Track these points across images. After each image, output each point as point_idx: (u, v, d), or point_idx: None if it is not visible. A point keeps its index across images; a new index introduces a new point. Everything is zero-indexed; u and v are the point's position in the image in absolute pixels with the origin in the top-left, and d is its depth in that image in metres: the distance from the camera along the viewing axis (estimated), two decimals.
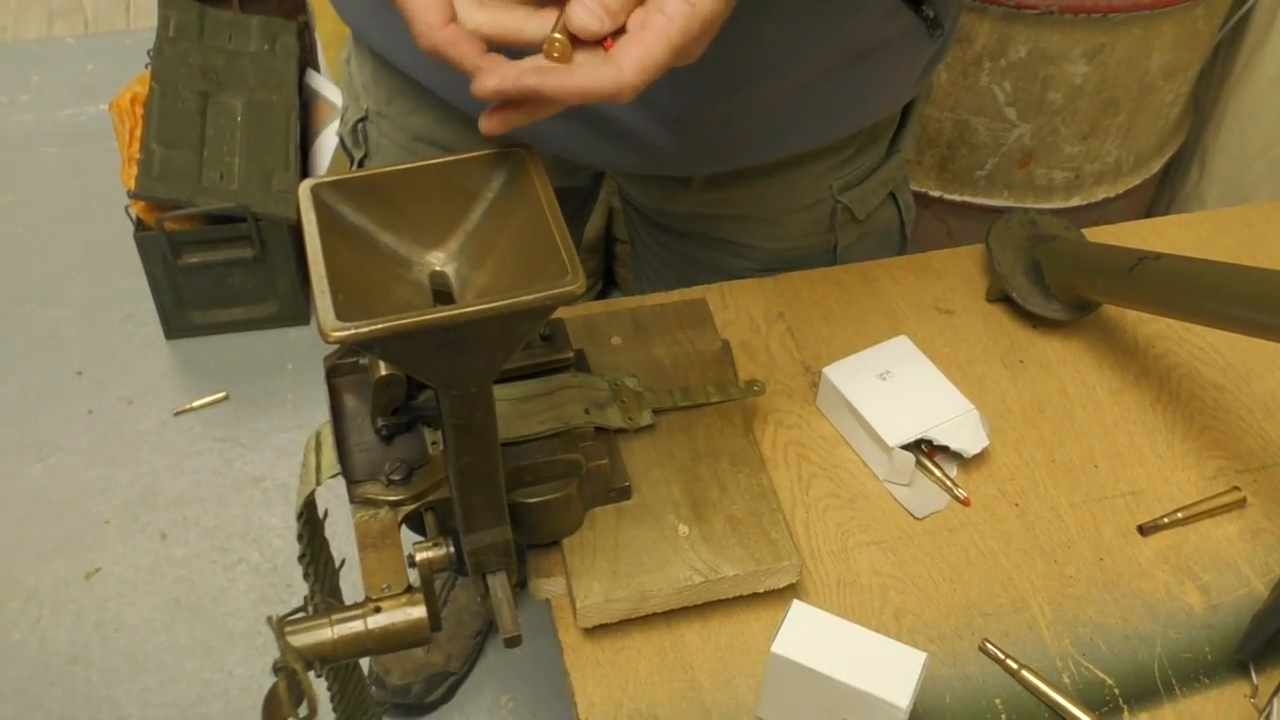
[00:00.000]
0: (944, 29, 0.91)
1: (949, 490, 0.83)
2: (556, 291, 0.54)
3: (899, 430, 0.82)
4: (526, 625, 0.74)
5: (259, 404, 1.98)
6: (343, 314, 0.53)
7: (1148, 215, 1.97)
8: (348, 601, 0.84)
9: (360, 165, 1.06)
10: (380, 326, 0.52)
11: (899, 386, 0.85)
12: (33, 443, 1.92)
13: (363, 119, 1.04)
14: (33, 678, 1.64)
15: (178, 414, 1.97)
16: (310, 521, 0.77)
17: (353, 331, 0.52)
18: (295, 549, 1.16)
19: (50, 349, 2.05)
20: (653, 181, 1.00)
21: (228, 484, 1.87)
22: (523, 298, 0.54)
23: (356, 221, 0.61)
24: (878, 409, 0.83)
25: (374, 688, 1.59)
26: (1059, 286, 0.90)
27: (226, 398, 1.99)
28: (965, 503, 0.82)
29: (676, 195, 1.00)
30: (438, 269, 0.61)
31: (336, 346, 0.56)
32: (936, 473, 0.83)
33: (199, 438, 1.94)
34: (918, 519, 0.82)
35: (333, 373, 0.77)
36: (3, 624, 1.70)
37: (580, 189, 1.10)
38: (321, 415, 0.77)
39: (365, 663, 1.55)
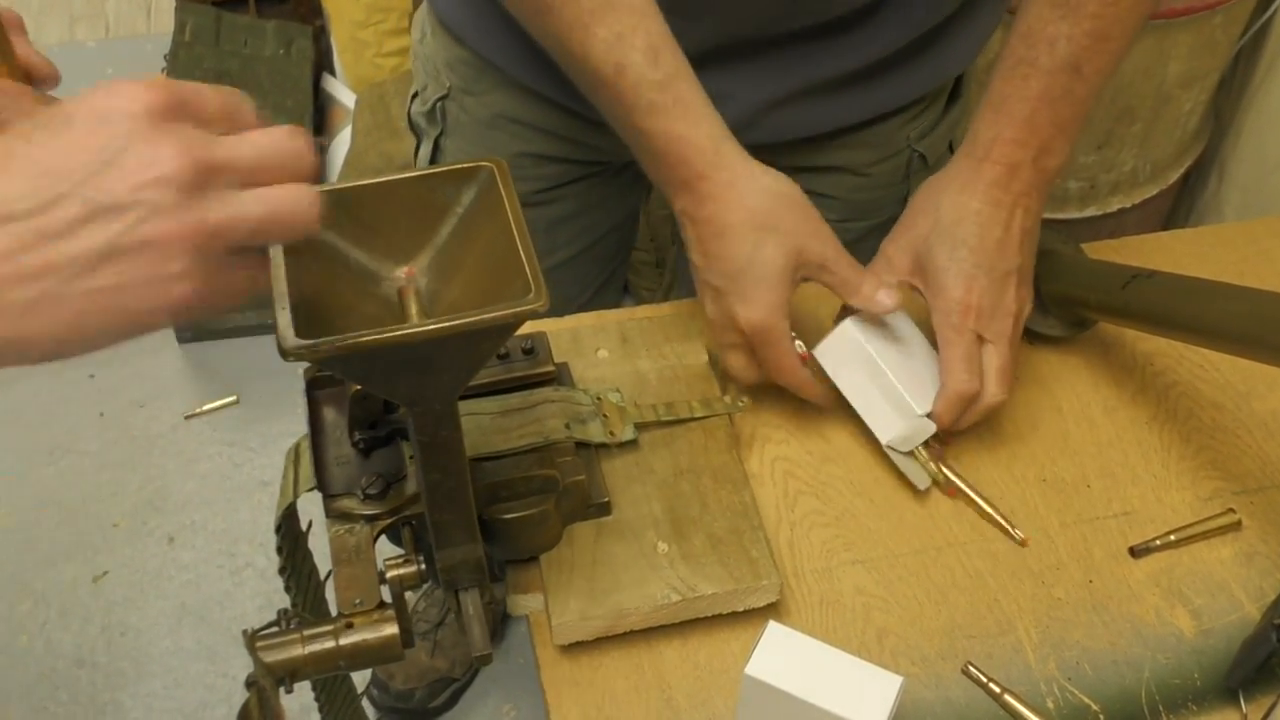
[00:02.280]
0: None
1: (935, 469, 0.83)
2: (519, 310, 0.54)
3: (924, 397, 0.80)
4: (528, 634, 0.74)
5: (269, 409, 1.99)
6: (306, 331, 0.53)
7: (1165, 226, 1.95)
8: (334, 613, 0.84)
9: (436, 144, 1.07)
10: (339, 344, 0.52)
11: (915, 353, 0.83)
12: (45, 445, 1.93)
13: (444, 97, 1.04)
14: (39, 680, 1.65)
15: (188, 418, 1.97)
16: (290, 534, 0.77)
17: (310, 348, 0.51)
18: None
19: None
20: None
21: (236, 488, 1.88)
22: (483, 316, 0.53)
23: (325, 236, 0.60)
24: (902, 371, 0.81)
25: (376, 691, 1.59)
26: (1055, 302, 0.89)
27: (237, 402, 1.99)
28: (950, 493, 0.83)
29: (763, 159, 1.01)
30: (405, 285, 0.61)
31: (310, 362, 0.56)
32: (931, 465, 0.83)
33: (209, 441, 1.95)
34: (920, 490, 0.82)
35: (312, 385, 0.76)
36: (10, 626, 1.71)
37: (617, 163, 1.09)
38: None
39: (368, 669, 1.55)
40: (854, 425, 0.86)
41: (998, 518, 0.81)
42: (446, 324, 0.52)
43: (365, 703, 1.34)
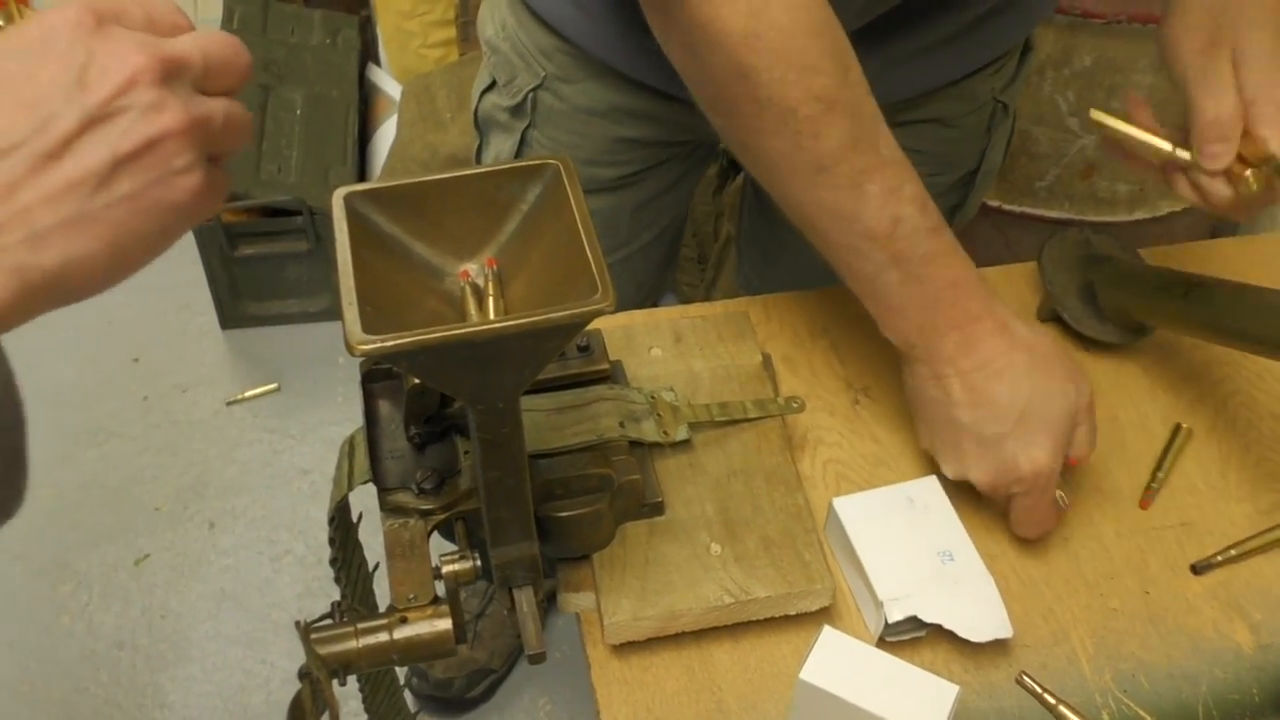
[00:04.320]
0: None
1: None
2: (586, 309, 0.53)
3: (897, 589, 0.72)
4: (566, 629, 0.74)
5: (310, 396, 2.00)
6: (370, 326, 0.53)
7: (1215, 232, 1.92)
8: (381, 605, 0.84)
9: (522, 138, 1.07)
10: (406, 341, 0.52)
11: (913, 536, 0.75)
12: (88, 428, 1.95)
13: (537, 86, 1.03)
14: (80, 661, 1.66)
15: (230, 404, 1.99)
16: (342, 526, 0.77)
17: (378, 345, 0.51)
18: None
19: (108, 335, 2.09)
20: None
21: (276, 475, 1.89)
22: (551, 314, 0.53)
23: (390, 231, 0.60)
24: (880, 557, 0.74)
25: (416, 679, 1.60)
26: (1112, 309, 0.88)
27: (278, 389, 2.01)
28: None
29: None
30: (468, 281, 0.61)
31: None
32: None
33: (250, 428, 1.96)
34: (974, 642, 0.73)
35: (368, 378, 0.76)
36: (53, 607, 1.72)
37: (705, 141, 1.10)
38: None
39: None
40: (908, 430, 0.85)
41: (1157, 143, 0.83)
42: (515, 322, 0.52)
43: (405, 692, 1.35)
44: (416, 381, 0.69)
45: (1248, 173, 0.78)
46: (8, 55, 0.43)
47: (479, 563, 0.67)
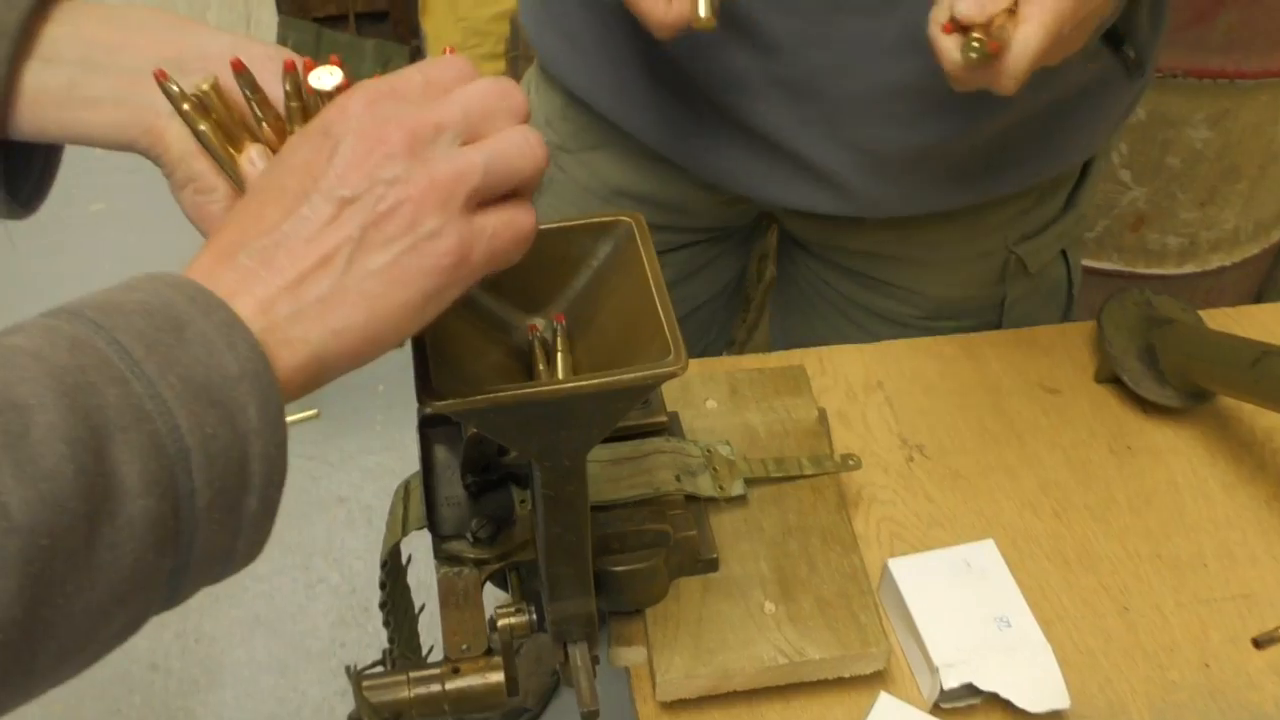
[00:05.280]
0: (1144, 70, 0.90)
1: None
2: (659, 371, 0.53)
3: (953, 655, 0.71)
4: (604, 677, 0.73)
5: (349, 424, 2.00)
6: (440, 379, 0.53)
7: (1264, 284, 1.90)
8: (424, 647, 0.84)
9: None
10: (481, 400, 0.51)
11: (969, 600, 0.74)
12: None
13: None
14: (114, 681, 1.67)
15: None
16: (394, 571, 0.77)
17: (453, 404, 0.51)
18: (375, 571, 1.16)
19: None
20: (827, 221, 0.97)
21: (313, 503, 1.89)
22: (624, 376, 0.52)
23: None
24: (935, 621, 0.73)
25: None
26: (1174, 373, 0.87)
27: (317, 416, 2.01)
28: None
29: (849, 234, 0.99)
30: (536, 336, 0.60)
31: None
32: None
33: (289, 454, 1.96)
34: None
35: (426, 423, 0.76)
36: None
37: (740, 228, 1.08)
38: (410, 439, 0.76)
39: None
40: (962, 489, 0.84)
41: None
42: (589, 382, 0.52)
43: None
44: (475, 430, 0.69)
45: (973, 36, 0.63)
46: (290, 149, 0.47)
47: (534, 616, 0.67)
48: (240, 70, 0.54)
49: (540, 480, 0.58)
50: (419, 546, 0.76)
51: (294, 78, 0.55)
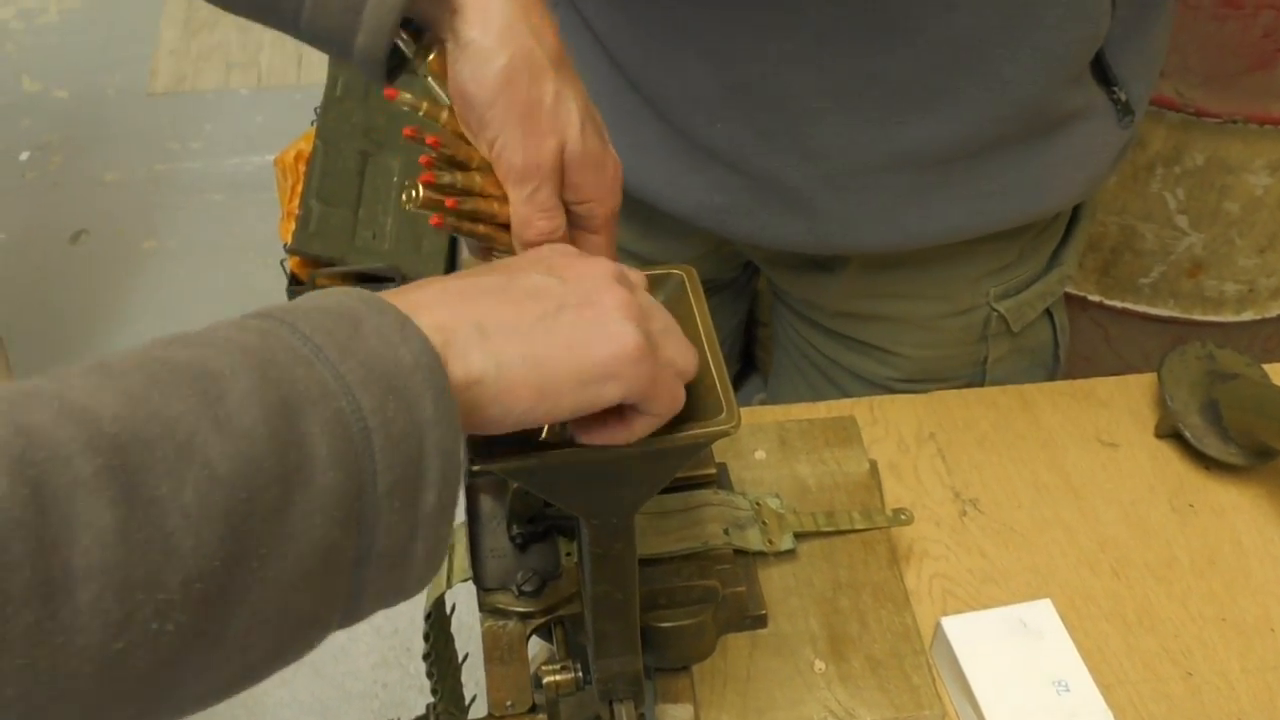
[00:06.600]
0: (1134, 118, 0.88)
1: None
2: (711, 430, 0.52)
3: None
4: None
5: None
6: (489, 435, 0.52)
7: None
8: (466, 696, 0.83)
9: None
10: (531, 460, 0.51)
11: (1026, 663, 0.73)
12: None
13: None
14: None
15: None
16: (438, 623, 0.76)
17: (500, 465, 0.50)
18: (417, 612, 1.16)
19: None
20: (805, 268, 0.97)
21: None
22: (676, 436, 0.51)
23: None
24: (991, 684, 0.71)
25: None
26: (1239, 429, 0.85)
27: None
28: None
29: (827, 285, 0.98)
30: None
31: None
32: None
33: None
34: None
35: (472, 473, 0.75)
36: None
37: (732, 280, 1.08)
38: None
39: None
40: (1017, 545, 0.82)
41: None
42: (640, 443, 0.51)
43: None
44: None
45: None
46: (483, 271, 0.51)
47: (580, 672, 0.66)
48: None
49: (588, 538, 0.57)
50: (460, 590, 0.75)
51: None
